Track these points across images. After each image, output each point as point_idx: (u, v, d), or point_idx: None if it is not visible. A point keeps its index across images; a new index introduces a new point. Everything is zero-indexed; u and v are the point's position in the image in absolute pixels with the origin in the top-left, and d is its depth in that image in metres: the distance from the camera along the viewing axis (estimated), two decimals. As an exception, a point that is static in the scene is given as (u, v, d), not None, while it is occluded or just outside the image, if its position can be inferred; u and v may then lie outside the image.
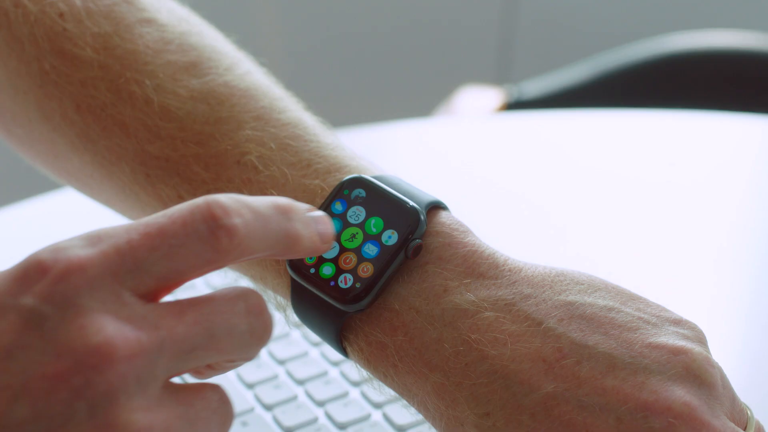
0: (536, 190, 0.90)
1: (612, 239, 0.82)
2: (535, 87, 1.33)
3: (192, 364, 0.41)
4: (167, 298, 0.42)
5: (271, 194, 0.51)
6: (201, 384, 0.42)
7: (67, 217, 0.85)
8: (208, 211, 0.41)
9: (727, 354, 0.67)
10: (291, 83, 0.61)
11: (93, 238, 0.40)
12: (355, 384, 0.64)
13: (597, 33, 2.06)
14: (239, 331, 0.42)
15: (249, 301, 0.42)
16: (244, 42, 0.60)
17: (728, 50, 1.34)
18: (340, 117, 1.75)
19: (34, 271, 0.39)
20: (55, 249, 0.39)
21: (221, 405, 0.42)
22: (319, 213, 0.46)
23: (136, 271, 0.40)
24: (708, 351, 0.47)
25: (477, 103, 1.35)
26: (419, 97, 1.95)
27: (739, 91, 1.33)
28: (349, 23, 2.09)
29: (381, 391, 0.50)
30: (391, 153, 0.99)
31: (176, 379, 0.41)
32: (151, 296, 0.41)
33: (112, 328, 0.38)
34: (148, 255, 0.40)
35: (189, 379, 0.44)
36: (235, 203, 0.42)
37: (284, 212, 0.44)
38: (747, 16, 2.02)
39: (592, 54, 1.45)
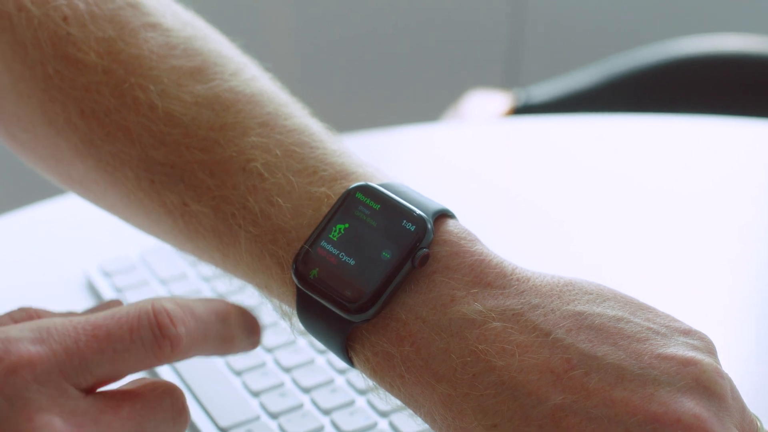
0: (545, 195, 0.90)
1: (622, 246, 0.82)
2: (544, 91, 1.32)
3: None
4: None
5: (277, 202, 0.51)
6: None
7: (70, 223, 0.84)
8: (155, 318, 0.46)
9: (738, 363, 0.67)
10: (299, 87, 0.61)
11: (42, 332, 0.44)
12: (362, 392, 0.63)
13: (605, 37, 2.05)
14: (164, 423, 0.47)
15: (173, 396, 0.48)
16: (251, 45, 0.59)
17: (738, 54, 1.33)
18: (348, 121, 1.75)
19: None
20: (6, 339, 0.43)
21: None
22: (252, 315, 0.53)
23: (81, 370, 0.45)
24: (718, 362, 0.47)
25: (485, 107, 1.34)
26: (427, 101, 1.94)
27: (749, 95, 1.32)
28: (357, 28, 2.09)
29: (387, 401, 0.50)
30: (399, 158, 0.99)
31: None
32: (91, 389, 0.46)
33: (58, 423, 0.43)
34: (94, 357, 0.45)
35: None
36: (181, 311, 0.47)
37: (223, 319, 0.50)
38: (757, 19, 2.01)
39: (600, 58, 1.44)
